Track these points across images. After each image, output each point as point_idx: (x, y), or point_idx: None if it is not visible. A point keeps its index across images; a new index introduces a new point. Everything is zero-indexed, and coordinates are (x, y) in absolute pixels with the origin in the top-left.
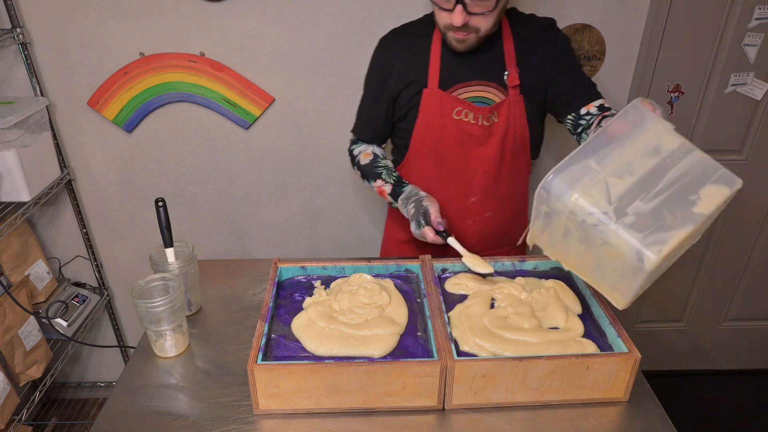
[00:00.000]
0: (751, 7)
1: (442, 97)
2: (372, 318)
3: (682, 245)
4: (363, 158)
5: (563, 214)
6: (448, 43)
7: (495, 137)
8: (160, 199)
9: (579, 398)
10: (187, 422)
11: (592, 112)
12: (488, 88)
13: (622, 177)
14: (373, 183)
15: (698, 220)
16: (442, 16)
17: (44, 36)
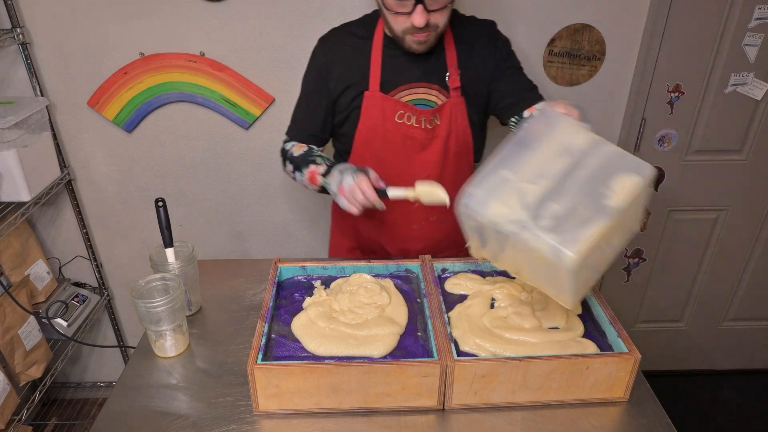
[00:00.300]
0: (751, 7)
1: (384, 100)
2: (372, 318)
3: (611, 238)
4: (296, 150)
5: (488, 226)
6: (408, 47)
7: (437, 140)
8: (160, 199)
9: (579, 398)
10: (187, 422)
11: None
12: (430, 91)
13: (536, 182)
14: (305, 170)
15: (612, 213)
16: (399, 20)
17: (44, 36)
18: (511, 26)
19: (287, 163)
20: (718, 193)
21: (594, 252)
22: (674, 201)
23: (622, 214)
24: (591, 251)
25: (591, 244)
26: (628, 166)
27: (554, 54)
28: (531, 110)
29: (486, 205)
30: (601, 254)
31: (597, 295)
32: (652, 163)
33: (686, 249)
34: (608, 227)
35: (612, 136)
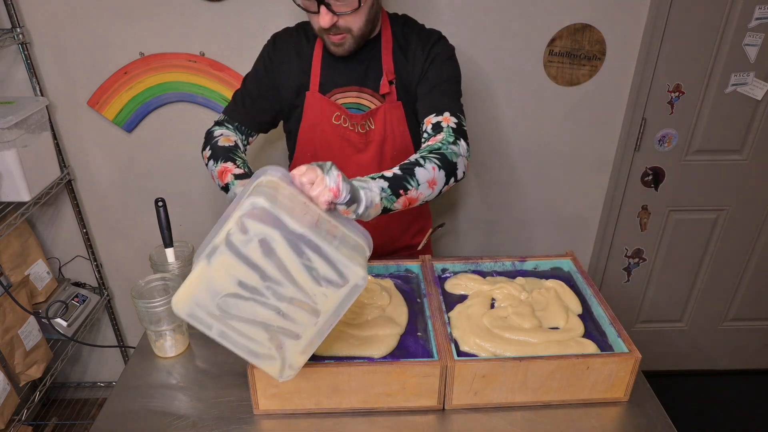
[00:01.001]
0: (751, 7)
1: (322, 101)
2: (372, 318)
3: (230, 283)
4: (223, 140)
5: None
6: (328, 47)
7: (372, 144)
8: (160, 199)
9: (579, 398)
10: (187, 422)
11: (428, 131)
12: (363, 95)
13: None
14: (221, 163)
15: (209, 252)
16: (313, 20)
17: (44, 36)
18: (511, 26)
19: (207, 148)
20: (718, 193)
21: (209, 297)
22: (674, 201)
23: (231, 253)
24: (194, 293)
25: (190, 287)
26: (240, 204)
27: (554, 54)
28: (427, 122)
29: None
30: (255, 305)
31: (597, 295)
32: (652, 163)
33: (686, 249)
34: (207, 267)
35: (612, 136)
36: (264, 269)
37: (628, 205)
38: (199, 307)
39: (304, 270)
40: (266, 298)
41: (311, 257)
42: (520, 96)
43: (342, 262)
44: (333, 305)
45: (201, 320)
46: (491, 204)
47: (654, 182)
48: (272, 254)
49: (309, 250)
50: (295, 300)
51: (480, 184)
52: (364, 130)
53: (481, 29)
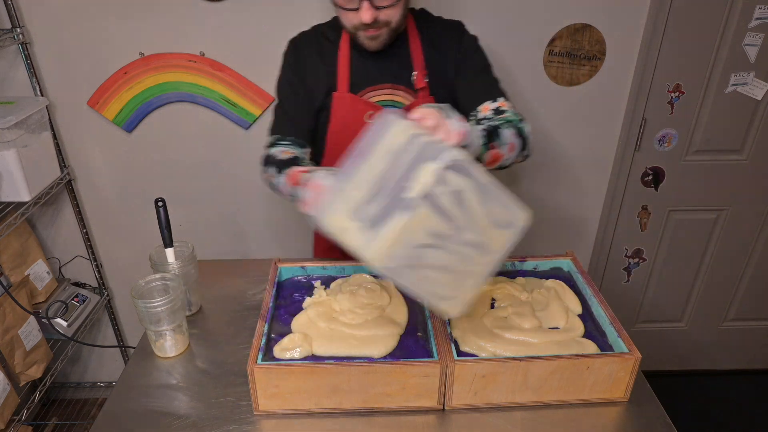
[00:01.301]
0: (751, 7)
1: (353, 100)
2: (372, 318)
3: (444, 235)
4: (283, 155)
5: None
6: (361, 43)
7: None
8: (160, 199)
9: (579, 398)
10: (187, 422)
11: (488, 116)
12: (397, 92)
13: (360, 188)
14: (286, 171)
15: (410, 205)
16: (349, 17)
17: (44, 36)
18: (511, 26)
19: (269, 167)
20: (718, 193)
21: (406, 248)
22: (674, 201)
23: (430, 206)
24: (395, 247)
25: (389, 240)
26: (431, 155)
27: (554, 54)
28: (484, 110)
29: (324, 219)
30: (443, 253)
31: (597, 295)
32: (652, 163)
33: (686, 249)
34: (408, 221)
35: (612, 136)
36: (454, 218)
37: (628, 205)
38: (394, 258)
39: (485, 216)
40: (452, 244)
41: (491, 203)
42: (520, 96)
43: (512, 205)
44: (504, 245)
45: (395, 271)
46: None
47: (654, 182)
48: (462, 203)
49: (490, 196)
50: (476, 243)
51: None
52: None
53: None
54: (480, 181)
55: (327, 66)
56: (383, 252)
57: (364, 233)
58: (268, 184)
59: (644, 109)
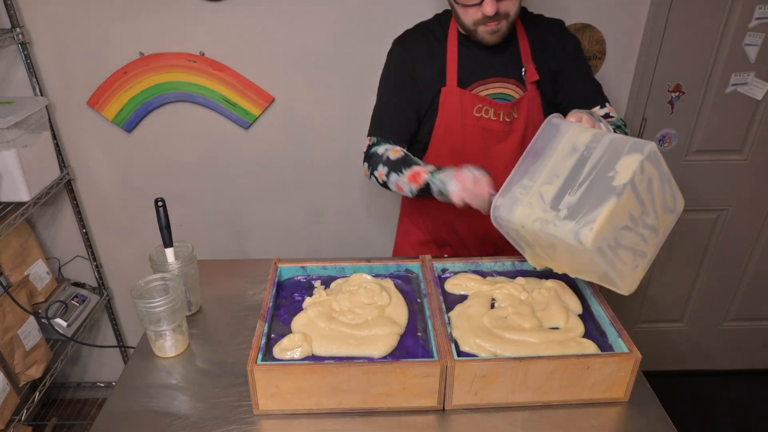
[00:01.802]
0: (751, 7)
1: (462, 95)
2: (372, 318)
3: (636, 218)
4: (393, 154)
5: (520, 231)
6: (480, 39)
7: (515, 133)
8: (160, 199)
9: (579, 398)
10: (187, 422)
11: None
12: (507, 85)
13: (552, 182)
14: (406, 170)
15: (620, 191)
16: (469, 13)
17: (44, 36)
18: None
19: (380, 166)
20: (718, 193)
21: (612, 230)
22: None
23: (632, 192)
24: (606, 229)
25: (603, 222)
26: (629, 148)
27: None
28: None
29: (512, 212)
30: (633, 234)
31: (597, 295)
32: None
33: (686, 249)
34: (617, 205)
35: None
36: (645, 203)
37: None
38: (604, 239)
39: (662, 201)
40: (639, 227)
41: (666, 189)
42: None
43: (677, 192)
44: (669, 228)
45: (604, 252)
46: None
47: None
48: (651, 189)
49: (667, 183)
50: (653, 226)
51: None
52: (509, 119)
53: None
54: (663, 170)
55: (437, 63)
56: (598, 233)
57: (566, 221)
58: (378, 182)
59: (644, 109)
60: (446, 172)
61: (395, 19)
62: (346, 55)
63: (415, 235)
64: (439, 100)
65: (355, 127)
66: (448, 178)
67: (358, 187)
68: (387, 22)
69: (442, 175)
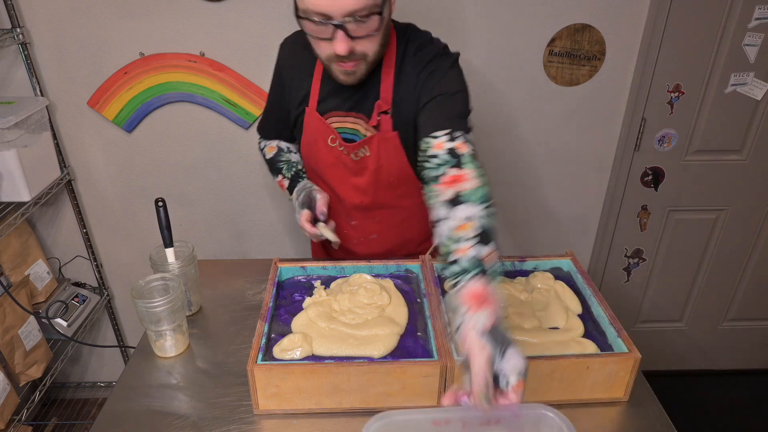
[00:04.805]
0: (751, 7)
1: (318, 121)
2: (372, 318)
3: None
4: (268, 152)
5: None
6: (334, 76)
7: (367, 171)
8: (160, 199)
9: (579, 398)
10: (187, 422)
11: (441, 156)
12: (359, 121)
13: None
14: (275, 178)
15: None
16: (321, 47)
17: (44, 36)
18: (511, 26)
19: (266, 165)
20: (718, 193)
21: None
22: (674, 201)
23: None
24: None
25: None
26: None
27: (554, 54)
28: (437, 146)
29: None
30: None
31: (597, 295)
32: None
33: (686, 249)
34: None
35: (612, 136)
36: None
37: (627, 205)
38: None
39: None
40: None
41: None
42: (520, 96)
43: None
44: None
45: None
46: None
47: (654, 182)
48: None
49: None
50: None
51: None
52: (357, 157)
53: (481, 29)
54: None
55: (305, 75)
56: None
57: None
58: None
59: (644, 109)
60: (294, 199)
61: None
62: None
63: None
64: (303, 120)
65: None
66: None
67: None
68: None
69: (295, 204)
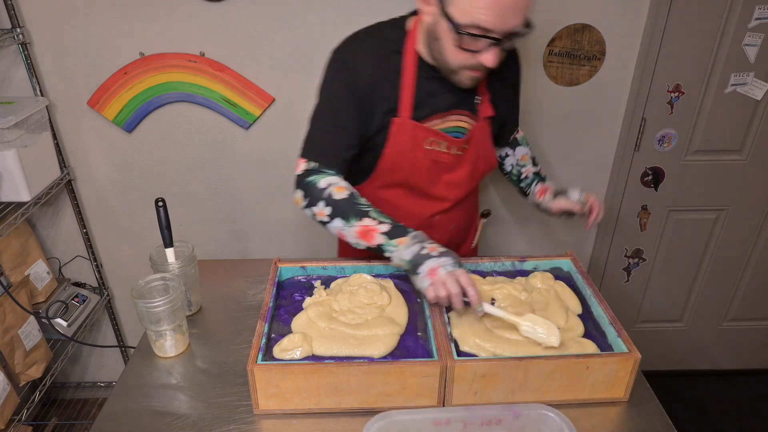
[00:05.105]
0: (751, 7)
1: (416, 128)
2: (372, 318)
3: None
4: (337, 192)
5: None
6: (456, 81)
7: (466, 163)
8: (160, 199)
9: (579, 398)
10: (187, 422)
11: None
12: (462, 117)
13: None
14: (354, 221)
15: None
16: (462, 56)
17: (44, 36)
18: None
19: (321, 203)
20: (718, 193)
21: None
22: (674, 201)
23: None
24: None
25: None
26: None
27: (554, 54)
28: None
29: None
30: None
31: (597, 295)
32: (652, 163)
33: (686, 249)
34: None
35: (612, 136)
36: None
37: (627, 205)
38: None
39: None
40: None
41: None
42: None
43: None
44: None
45: None
46: (491, 204)
47: (654, 182)
48: None
49: None
50: None
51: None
52: (461, 151)
53: None
54: None
55: (388, 88)
56: None
57: None
58: (314, 219)
59: (644, 109)
60: (409, 249)
61: None
62: None
63: None
64: (389, 131)
65: None
66: (421, 272)
67: None
68: None
69: (406, 253)
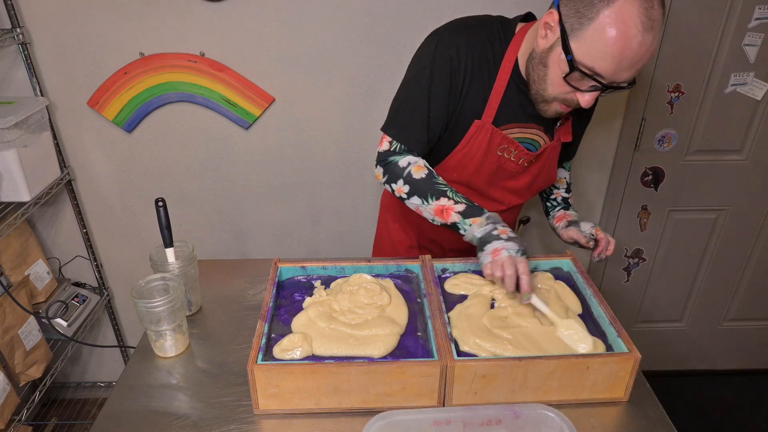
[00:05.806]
0: (751, 7)
1: (493, 133)
2: (372, 318)
3: None
4: (416, 171)
5: None
6: (543, 109)
7: (527, 175)
8: (160, 199)
9: (579, 398)
10: (187, 422)
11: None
12: (539, 132)
13: None
14: (432, 200)
15: None
16: (562, 88)
17: (44, 36)
18: None
19: (401, 181)
20: (718, 193)
21: None
22: (674, 201)
23: None
24: None
25: None
26: None
27: None
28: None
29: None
30: None
31: (597, 295)
32: (652, 163)
33: (686, 249)
34: None
35: (612, 136)
36: None
37: (627, 205)
38: None
39: None
40: None
41: None
42: None
43: None
44: None
45: None
46: None
47: (654, 182)
48: None
49: None
50: None
51: None
52: (528, 164)
53: None
54: None
55: (481, 87)
56: None
57: None
58: (393, 193)
59: (644, 109)
60: (482, 228)
61: (396, 18)
62: (346, 55)
63: (404, 239)
64: (467, 131)
65: (355, 127)
66: (486, 249)
67: (358, 187)
68: (388, 22)
69: (479, 234)
